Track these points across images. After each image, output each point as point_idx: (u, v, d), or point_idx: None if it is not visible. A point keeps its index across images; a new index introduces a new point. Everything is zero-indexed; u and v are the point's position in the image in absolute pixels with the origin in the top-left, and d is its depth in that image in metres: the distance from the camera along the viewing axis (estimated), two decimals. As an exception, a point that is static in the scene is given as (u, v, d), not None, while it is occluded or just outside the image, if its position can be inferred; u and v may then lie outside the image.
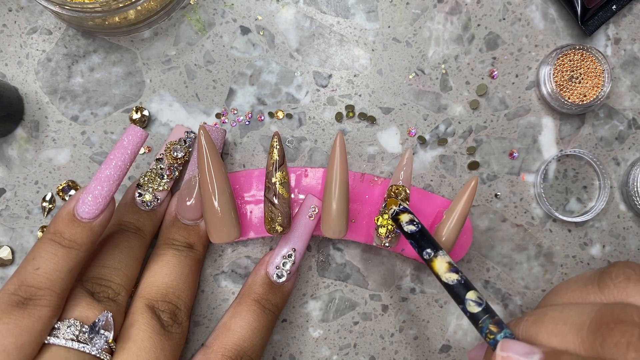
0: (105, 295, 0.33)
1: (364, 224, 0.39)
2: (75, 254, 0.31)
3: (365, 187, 0.39)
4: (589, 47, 0.40)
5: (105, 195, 0.31)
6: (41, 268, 0.30)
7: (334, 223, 0.36)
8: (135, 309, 0.34)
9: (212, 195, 0.35)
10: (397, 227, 0.35)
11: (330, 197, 0.36)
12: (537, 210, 0.41)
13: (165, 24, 0.40)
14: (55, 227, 0.31)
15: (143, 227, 0.37)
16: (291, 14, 0.41)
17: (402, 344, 0.41)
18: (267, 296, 0.36)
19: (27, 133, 0.40)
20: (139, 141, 0.32)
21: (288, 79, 0.41)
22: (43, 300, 0.30)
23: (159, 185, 0.37)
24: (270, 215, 0.36)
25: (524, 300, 0.41)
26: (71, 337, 0.30)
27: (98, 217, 0.32)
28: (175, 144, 0.38)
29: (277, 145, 0.36)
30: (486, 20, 0.41)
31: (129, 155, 0.32)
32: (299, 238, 0.37)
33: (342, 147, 0.36)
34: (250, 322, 0.36)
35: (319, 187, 0.39)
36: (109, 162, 0.31)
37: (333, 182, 0.36)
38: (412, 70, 0.41)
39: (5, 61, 0.40)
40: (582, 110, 0.40)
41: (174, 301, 0.35)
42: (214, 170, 0.35)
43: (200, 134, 0.35)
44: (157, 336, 0.33)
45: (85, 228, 0.31)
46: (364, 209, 0.39)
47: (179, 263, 0.36)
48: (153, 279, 0.35)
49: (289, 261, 0.36)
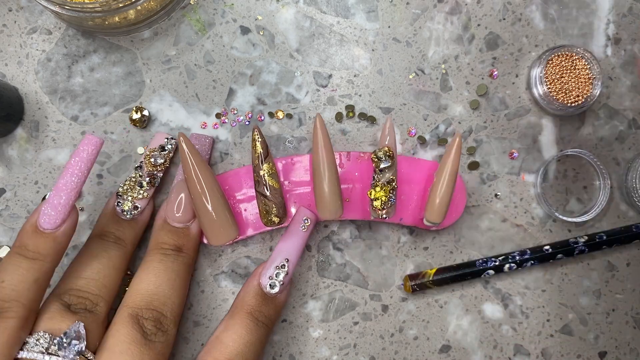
0: (82, 306, 0.33)
1: (358, 201, 0.39)
2: (39, 265, 0.31)
3: (353, 165, 0.39)
4: (578, 49, 0.40)
5: (64, 204, 0.31)
6: (6, 281, 0.30)
7: (329, 204, 0.36)
8: (117, 319, 0.33)
9: (203, 199, 0.35)
10: None
11: (320, 180, 0.36)
12: (537, 210, 0.41)
13: (165, 24, 0.40)
14: (20, 241, 0.32)
15: (123, 236, 0.37)
16: (291, 14, 0.41)
17: (402, 344, 0.41)
18: (260, 308, 0.36)
19: (27, 133, 0.40)
20: (95, 149, 0.32)
21: (288, 79, 0.41)
22: (9, 312, 0.30)
23: (138, 194, 0.37)
24: (264, 208, 0.36)
25: (524, 301, 0.41)
26: (40, 350, 0.30)
27: (60, 226, 0.32)
28: (154, 151, 0.38)
29: (258, 138, 0.36)
30: (486, 20, 0.41)
31: (85, 164, 0.32)
32: (292, 249, 0.37)
33: (322, 128, 0.36)
34: (242, 335, 0.35)
35: (307, 175, 0.39)
36: (66, 172, 0.32)
37: (321, 164, 0.36)
38: (412, 70, 0.41)
39: (5, 61, 0.40)
40: (574, 111, 0.40)
41: (159, 308, 0.34)
42: (201, 174, 0.35)
43: (180, 141, 0.35)
44: (137, 347, 0.32)
45: (49, 239, 0.31)
46: (356, 186, 0.39)
47: (166, 269, 0.35)
48: (138, 287, 0.35)
49: (282, 272, 0.36)
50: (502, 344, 0.41)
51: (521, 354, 0.41)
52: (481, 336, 0.41)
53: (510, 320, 0.41)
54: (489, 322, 0.41)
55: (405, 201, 0.39)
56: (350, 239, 0.41)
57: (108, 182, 0.40)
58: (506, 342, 0.41)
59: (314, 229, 0.40)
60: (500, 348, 0.41)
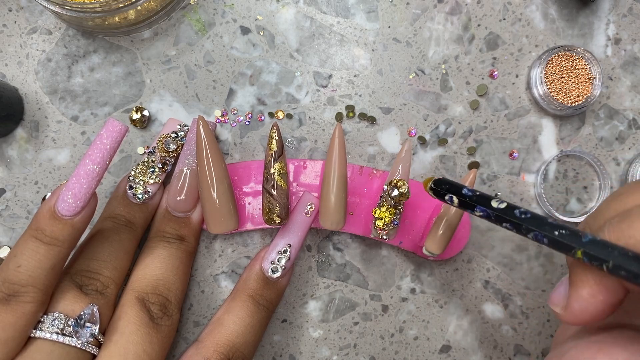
0: (94, 288, 0.33)
1: (362, 217, 0.39)
2: (57, 251, 0.31)
3: (364, 180, 0.39)
4: (578, 49, 0.40)
5: (84, 192, 0.31)
6: (23, 265, 0.30)
7: (332, 215, 0.36)
8: (124, 302, 0.34)
9: (210, 185, 0.35)
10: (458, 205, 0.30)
11: (328, 190, 0.36)
12: (537, 210, 0.41)
13: (165, 24, 0.40)
14: (37, 224, 0.31)
15: (134, 220, 0.37)
16: (291, 14, 0.41)
17: (402, 344, 0.41)
18: (261, 292, 0.36)
19: (27, 133, 0.40)
20: (118, 135, 0.31)
21: (288, 79, 0.41)
22: (26, 296, 0.30)
23: (150, 178, 0.37)
24: (268, 206, 0.36)
25: (524, 301, 0.41)
26: (55, 331, 0.31)
27: (79, 213, 0.31)
28: (167, 137, 0.38)
29: (275, 137, 0.37)
30: (486, 21, 0.41)
31: (107, 151, 0.31)
32: (295, 234, 0.37)
33: (340, 140, 0.36)
34: (243, 317, 0.36)
35: (317, 180, 0.39)
36: (87, 158, 0.31)
37: (331, 175, 0.36)
38: (412, 71, 0.41)
39: (5, 61, 0.40)
40: (574, 111, 0.40)
41: (164, 293, 0.35)
42: (212, 160, 0.35)
43: (199, 124, 0.35)
44: (145, 329, 0.33)
45: (67, 225, 0.31)
46: (362, 201, 0.39)
47: (170, 255, 0.36)
48: (143, 272, 0.35)
49: (284, 257, 0.36)
50: (502, 344, 0.41)
51: (521, 354, 0.41)
52: (481, 336, 0.41)
53: (511, 320, 0.41)
54: (489, 322, 0.41)
55: (408, 226, 0.39)
56: (350, 239, 0.41)
57: (108, 182, 0.40)
58: (506, 342, 0.41)
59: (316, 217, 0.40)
60: (501, 348, 0.41)
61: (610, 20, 0.42)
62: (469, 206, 0.29)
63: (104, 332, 0.33)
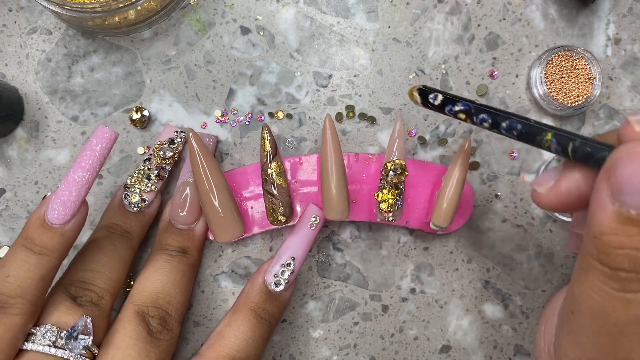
0: (88, 299, 0.33)
1: (365, 203, 0.39)
2: (47, 261, 0.30)
3: (361, 166, 0.39)
4: (578, 49, 0.40)
5: (74, 200, 0.30)
6: (12, 275, 0.30)
7: (336, 204, 0.36)
8: (123, 315, 0.33)
9: (211, 195, 0.35)
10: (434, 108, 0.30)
11: (328, 180, 0.36)
12: (537, 210, 0.41)
13: (165, 24, 0.40)
14: (27, 233, 0.31)
15: (130, 229, 0.37)
16: (291, 14, 0.41)
17: (402, 344, 0.41)
18: (263, 305, 0.36)
19: (27, 133, 0.40)
20: (108, 142, 0.30)
21: (288, 79, 0.41)
22: (14, 308, 0.29)
23: (145, 187, 0.37)
24: (271, 206, 0.36)
25: (524, 301, 0.41)
26: (47, 343, 0.30)
27: (69, 222, 0.31)
28: (163, 144, 0.38)
29: (267, 137, 0.37)
30: (486, 21, 0.41)
31: (97, 158, 0.30)
32: (299, 247, 0.36)
33: (332, 129, 0.36)
34: (245, 331, 0.35)
35: (315, 174, 0.39)
36: (77, 166, 0.30)
37: (329, 165, 0.36)
38: (413, 71, 0.41)
39: (5, 61, 0.40)
40: (574, 111, 0.40)
41: (164, 307, 0.34)
42: (209, 170, 0.35)
43: (190, 137, 0.35)
44: (143, 343, 0.32)
45: (57, 234, 0.30)
46: (363, 187, 0.39)
47: (172, 269, 0.36)
48: (144, 285, 0.35)
49: (287, 270, 0.36)
50: (502, 344, 0.41)
51: (521, 354, 0.41)
52: (481, 336, 0.41)
53: (511, 320, 0.41)
54: (489, 323, 0.41)
55: (412, 204, 0.39)
56: (350, 239, 0.41)
57: (108, 182, 0.40)
58: (506, 342, 0.41)
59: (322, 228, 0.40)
60: (501, 348, 0.41)
61: (610, 20, 0.42)
62: (451, 102, 0.29)
63: (99, 344, 0.32)
